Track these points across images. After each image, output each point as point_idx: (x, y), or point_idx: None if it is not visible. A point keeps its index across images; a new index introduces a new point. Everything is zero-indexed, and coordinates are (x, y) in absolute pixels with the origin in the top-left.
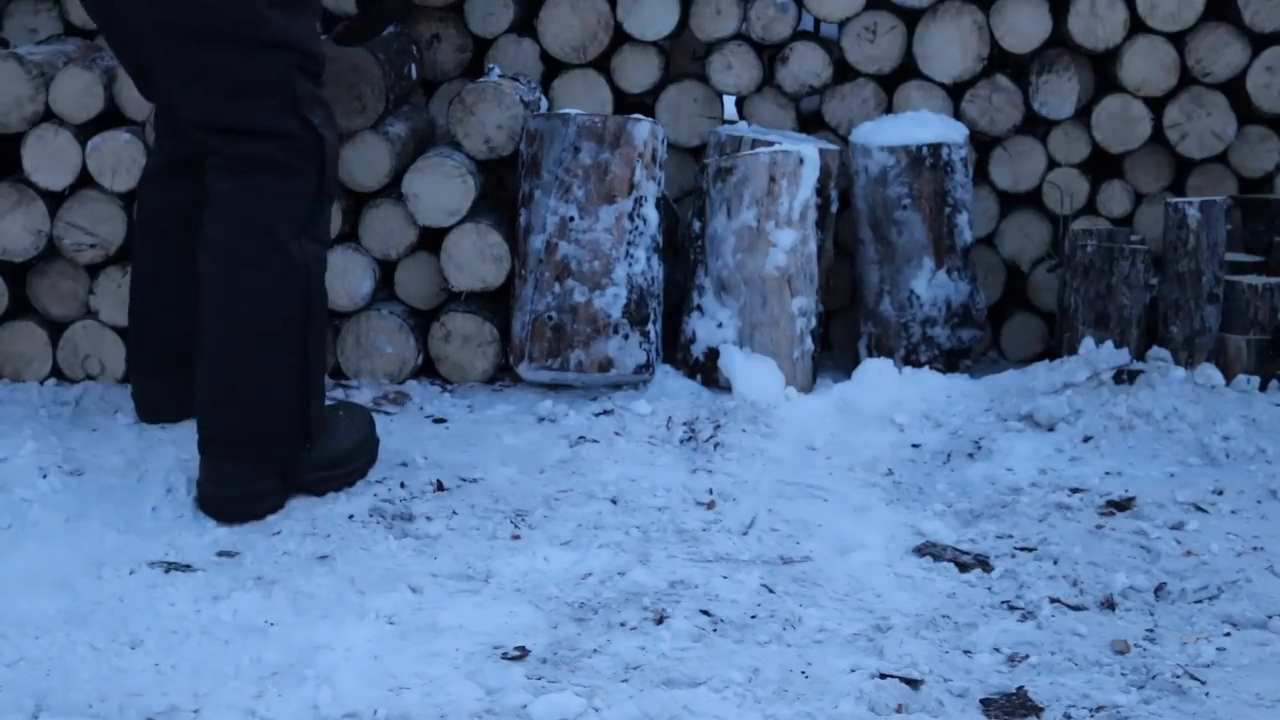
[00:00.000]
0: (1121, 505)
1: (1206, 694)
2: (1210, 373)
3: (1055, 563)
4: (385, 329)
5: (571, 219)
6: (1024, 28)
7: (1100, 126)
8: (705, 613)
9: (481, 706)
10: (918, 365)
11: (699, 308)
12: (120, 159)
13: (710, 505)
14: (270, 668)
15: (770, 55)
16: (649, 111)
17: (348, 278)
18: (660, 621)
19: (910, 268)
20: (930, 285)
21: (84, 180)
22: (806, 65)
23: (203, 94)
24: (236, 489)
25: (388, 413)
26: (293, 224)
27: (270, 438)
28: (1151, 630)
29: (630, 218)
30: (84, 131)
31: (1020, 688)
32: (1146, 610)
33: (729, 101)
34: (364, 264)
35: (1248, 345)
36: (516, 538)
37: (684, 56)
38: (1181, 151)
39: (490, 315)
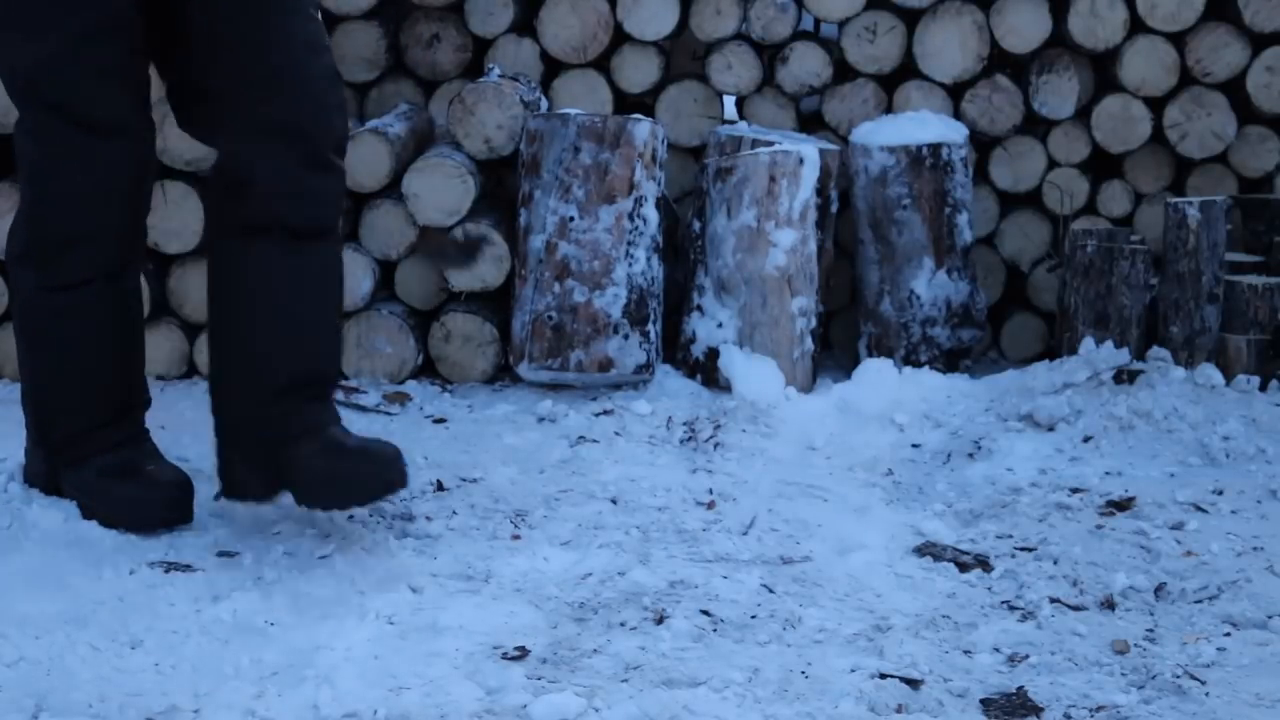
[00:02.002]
0: (1121, 505)
1: (1206, 694)
2: (1210, 373)
3: (1055, 563)
4: (385, 329)
5: (571, 219)
6: (1024, 28)
7: (1100, 126)
8: (705, 613)
9: (481, 706)
10: (918, 365)
11: (699, 308)
12: None
13: (710, 505)
14: (270, 668)
15: (770, 55)
16: (649, 111)
17: (348, 278)
18: (660, 621)
19: (910, 268)
20: (930, 285)
21: None
22: (806, 65)
23: None
24: (24, 459)
25: (388, 413)
26: (12, 245)
27: (27, 420)
28: (1151, 630)
29: (630, 218)
30: None
31: (1020, 688)
32: (1146, 610)
33: (729, 101)
34: (364, 264)
35: (1248, 345)
36: (516, 538)
37: (684, 56)
38: (1181, 151)
39: (490, 315)
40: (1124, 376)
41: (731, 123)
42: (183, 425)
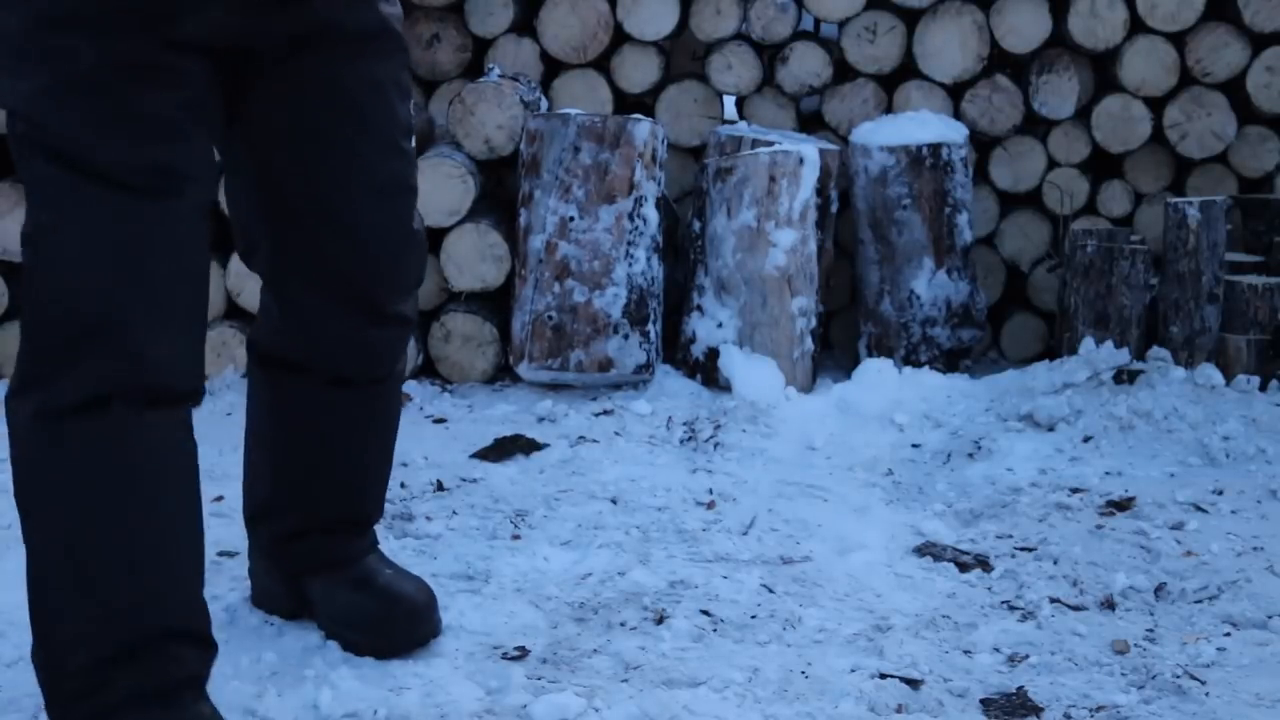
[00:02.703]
0: (1121, 505)
1: (1206, 694)
2: (1210, 373)
3: (1055, 563)
4: None
5: (571, 219)
6: (1024, 28)
7: (1100, 126)
8: (705, 613)
9: (481, 706)
10: (918, 365)
11: (699, 308)
12: None
13: (710, 505)
14: (270, 668)
15: (770, 55)
16: (649, 111)
17: None
18: (660, 621)
19: (910, 268)
20: (930, 285)
21: None
22: (806, 65)
23: None
24: None
25: None
26: (15, 374)
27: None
28: (1151, 630)
29: (630, 218)
30: None
31: (1020, 688)
32: (1146, 610)
33: (729, 101)
34: None
35: (1248, 345)
36: (516, 538)
37: (684, 56)
38: (1181, 151)
39: (490, 315)
40: (1124, 376)
41: (731, 123)
42: None
